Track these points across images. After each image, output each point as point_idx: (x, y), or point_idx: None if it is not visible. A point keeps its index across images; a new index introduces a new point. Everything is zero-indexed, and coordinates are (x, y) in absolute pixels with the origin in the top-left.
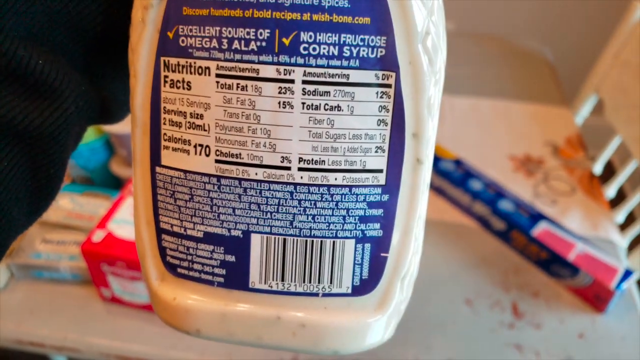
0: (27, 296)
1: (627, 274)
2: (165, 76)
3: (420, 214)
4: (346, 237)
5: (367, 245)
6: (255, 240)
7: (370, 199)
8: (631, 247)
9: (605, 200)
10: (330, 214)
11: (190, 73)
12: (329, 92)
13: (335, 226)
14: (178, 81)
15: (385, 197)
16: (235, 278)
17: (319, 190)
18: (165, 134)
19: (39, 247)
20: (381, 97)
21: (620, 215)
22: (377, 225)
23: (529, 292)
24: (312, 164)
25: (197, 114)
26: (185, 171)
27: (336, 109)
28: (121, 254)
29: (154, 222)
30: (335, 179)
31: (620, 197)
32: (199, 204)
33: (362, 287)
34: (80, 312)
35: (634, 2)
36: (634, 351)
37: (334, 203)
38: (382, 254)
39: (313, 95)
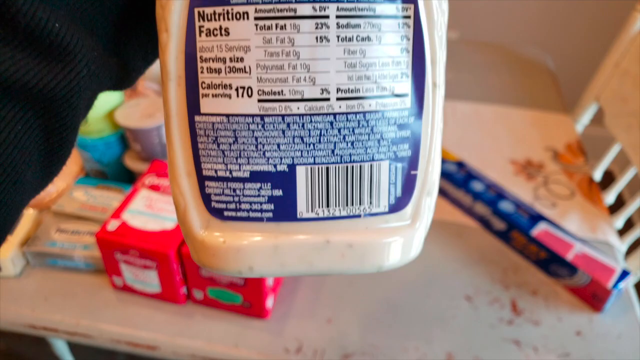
0: (42, 283)
1: (624, 274)
2: (201, 26)
3: (439, 132)
4: (381, 159)
5: (400, 165)
6: (301, 171)
7: (399, 121)
8: (629, 251)
9: (603, 204)
10: (367, 139)
11: (228, 19)
12: (360, 24)
13: (372, 150)
14: (215, 29)
15: (412, 119)
16: (284, 211)
17: (356, 118)
18: (203, 82)
19: (54, 236)
20: (403, 27)
21: (619, 221)
22: (407, 146)
23: (528, 290)
24: (349, 92)
25: (237, 58)
26: (228, 115)
27: (367, 39)
28: (134, 242)
29: (195, 171)
30: (370, 105)
31: (619, 205)
32: (244, 144)
33: (397, 205)
34: (93, 299)
35: (635, 12)
36: (630, 349)
37: (370, 128)
38: (412, 172)
39: (346, 28)
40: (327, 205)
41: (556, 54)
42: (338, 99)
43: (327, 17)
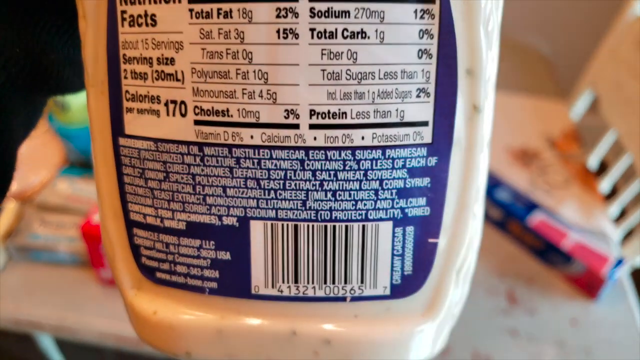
0: (25, 278)
1: (619, 262)
2: (123, 11)
3: (481, 183)
4: (380, 219)
5: (410, 229)
6: (256, 229)
7: (411, 164)
8: (624, 239)
9: (599, 193)
10: (357, 187)
11: (155, 2)
12: (348, 11)
13: (365, 205)
14: (139, 16)
15: (433, 161)
16: (233, 282)
17: (340, 156)
18: (127, 91)
19: (37, 229)
20: (422, 17)
21: (615, 208)
22: (423, 201)
23: (524, 279)
24: (329, 118)
25: (167, 59)
26: (156, 140)
27: (359, 35)
28: None
29: (122, 213)
30: (362, 138)
31: (615, 193)
32: (178, 184)
33: (405, 286)
34: (78, 293)
35: (630, 0)
36: (625, 337)
37: (362, 173)
38: (431, 240)
39: (326, 17)
40: (296, 281)
41: (553, 39)
42: (312, 126)
43: None
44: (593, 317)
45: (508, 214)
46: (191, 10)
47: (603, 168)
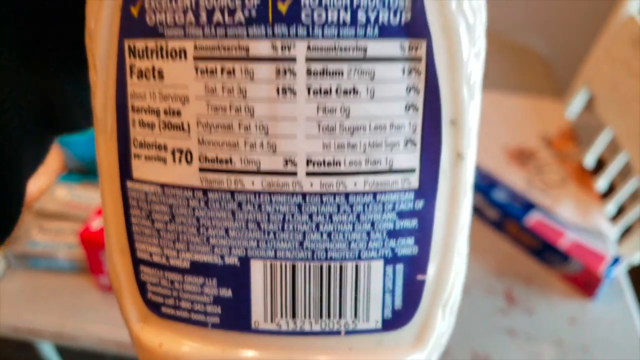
0: (25, 285)
1: (616, 260)
2: (132, 65)
3: (464, 223)
4: (372, 258)
5: (400, 267)
6: (257, 268)
7: (400, 207)
8: (621, 238)
9: (595, 191)
10: (351, 229)
11: (162, 58)
12: (342, 71)
13: (358, 245)
14: (147, 70)
15: (420, 204)
16: (234, 317)
17: (334, 200)
18: (135, 139)
19: (36, 236)
20: (409, 74)
21: (611, 207)
22: (411, 241)
23: (522, 279)
24: (324, 166)
25: (173, 111)
26: (162, 185)
27: (352, 92)
28: None
29: (129, 250)
30: (355, 184)
31: (611, 191)
32: (183, 225)
33: (395, 320)
34: (78, 300)
35: None
36: (622, 335)
37: (355, 215)
38: (419, 277)
39: (321, 76)
40: (293, 316)
41: (550, 39)
42: (309, 173)
43: (292, 59)
44: (591, 316)
45: (505, 214)
46: (197, 68)
47: (599, 166)
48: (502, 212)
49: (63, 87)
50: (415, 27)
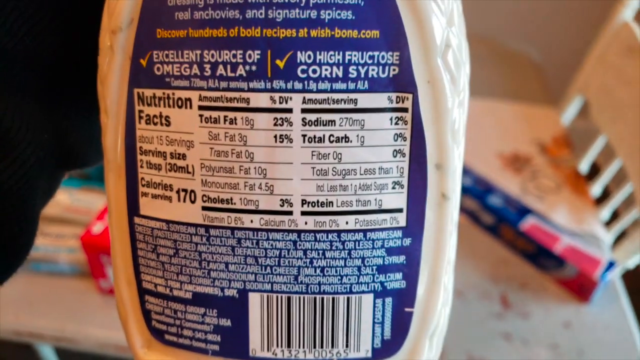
0: (26, 289)
1: (611, 265)
2: (140, 111)
3: (450, 258)
4: (363, 292)
5: (389, 300)
6: (254, 300)
7: (389, 244)
8: (616, 242)
9: (590, 197)
10: (342, 264)
11: (169, 106)
12: (334, 120)
13: (349, 279)
14: (155, 116)
15: (407, 241)
16: (233, 345)
17: (327, 237)
18: (143, 178)
19: (37, 240)
20: (396, 123)
21: (606, 212)
22: (399, 275)
23: (517, 283)
24: (318, 206)
25: (179, 154)
26: (168, 221)
27: (343, 140)
28: None
29: (135, 281)
30: (347, 222)
31: (606, 197)
32: (186, 259)
33: (385, 349)
34: (79, 303)
35: (618, 4)
36: (617, 339)
37: (346, 252)
38: (407, 309)
39: (315, 125)
40: (288, 345)
41: (543, 46)
42: (303, 213)
43: (289, 110)
44: (586, 320)
45: (500, 219)
46: (201, 116)
47: (594, 172)
48: (497, 217)
49: (76, 128)
50: (402, 81)
